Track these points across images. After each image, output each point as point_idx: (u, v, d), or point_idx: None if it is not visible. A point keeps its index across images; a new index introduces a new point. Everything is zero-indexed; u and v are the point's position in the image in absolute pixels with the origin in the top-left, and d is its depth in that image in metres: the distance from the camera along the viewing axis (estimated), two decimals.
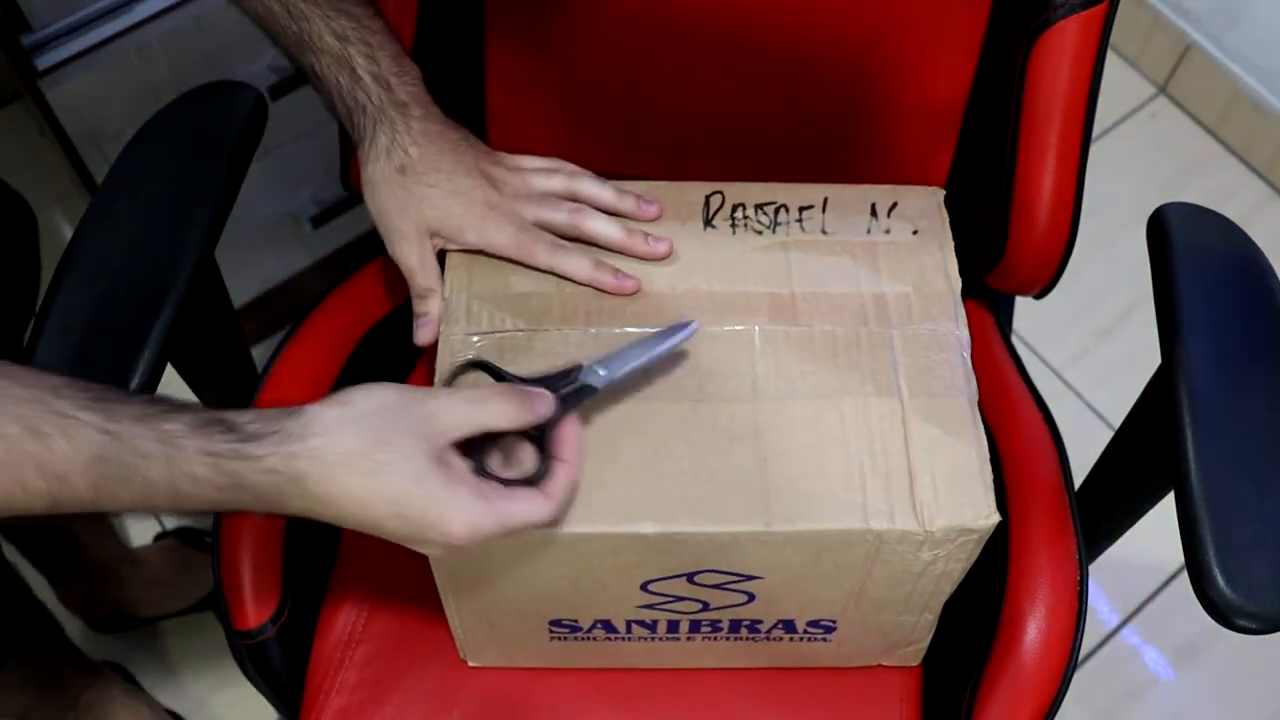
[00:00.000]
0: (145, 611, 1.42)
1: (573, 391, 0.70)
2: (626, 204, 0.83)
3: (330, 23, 0.78)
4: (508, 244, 0.79)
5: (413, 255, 0.80)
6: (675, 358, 0.76)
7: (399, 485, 0.61)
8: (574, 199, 0.82)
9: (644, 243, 0.81)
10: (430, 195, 0.79)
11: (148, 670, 1.39)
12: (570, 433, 0.68)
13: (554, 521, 0.67)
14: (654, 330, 0.75)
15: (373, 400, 0.62)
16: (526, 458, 0.67)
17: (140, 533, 1.48)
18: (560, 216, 0.81)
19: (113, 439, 0.57)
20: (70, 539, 1.33)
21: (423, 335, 0.80)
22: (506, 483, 0.65)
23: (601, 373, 0.71)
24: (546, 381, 0.70)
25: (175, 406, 0.60)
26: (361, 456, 0.60)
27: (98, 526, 1.36)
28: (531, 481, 0.66)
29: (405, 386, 0.64)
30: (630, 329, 0.78)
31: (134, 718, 1.31)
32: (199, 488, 0.59)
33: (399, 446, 0.61)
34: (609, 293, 0.79)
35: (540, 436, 0.67)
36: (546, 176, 0.83)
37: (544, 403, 0.67)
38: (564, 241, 0.80)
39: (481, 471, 0.65)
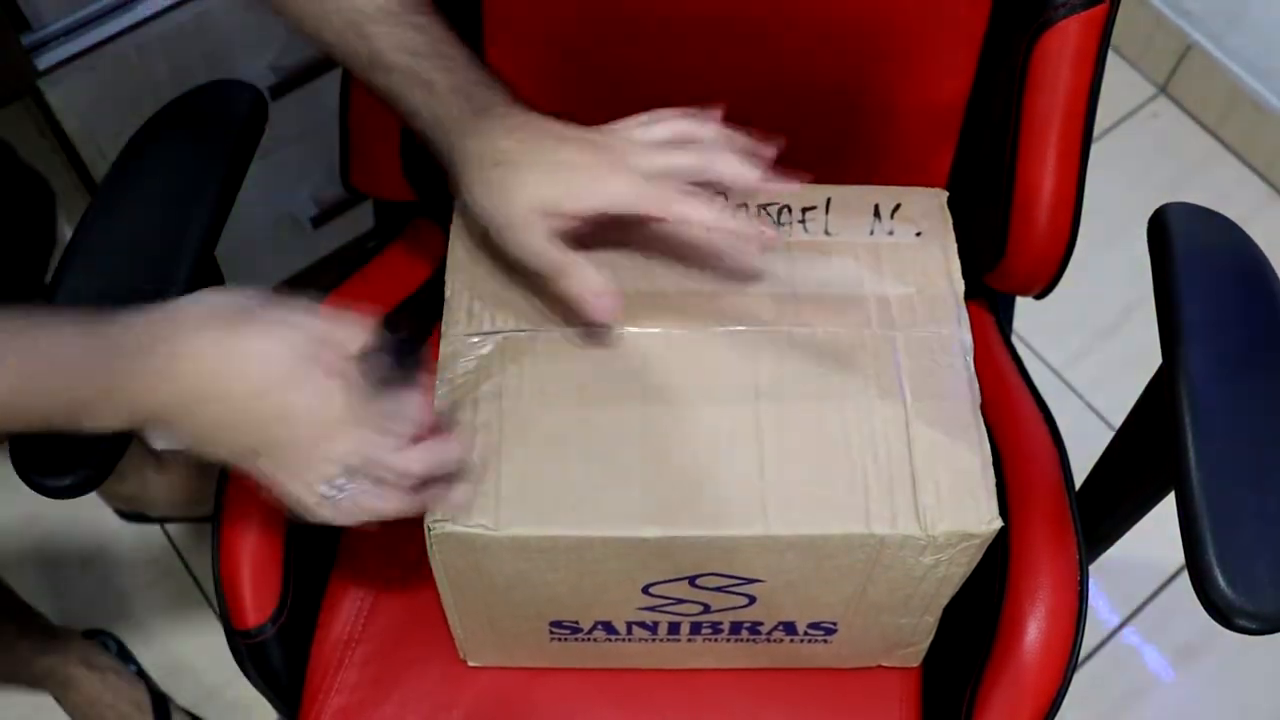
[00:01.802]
0: (163, 511, 1.46)
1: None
2: (740, 141, 0.75)
3: (399, 39, 0.74)
4: (629, 194, 0.72)
5: (531, 240, 0.72)
6: (680, 359, 0.76)
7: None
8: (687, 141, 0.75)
9: (778, 181, 0.73)
10: (534, 173, 0.72)
11: (157, 664, 1.40)
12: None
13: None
14: None
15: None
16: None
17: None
18: (686, 160, 0.73)
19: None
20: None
21: (605, 311, 0.73)
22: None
23: None
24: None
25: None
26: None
27: None
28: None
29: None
30: (631, 329, 0.77)
31: (99, 682, 1.32)
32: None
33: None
34: (748, 240, 0.74)
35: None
36: (647, 128, 0.76)
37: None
38: (691, 188, 0.72)
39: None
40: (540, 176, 0.72)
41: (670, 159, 0.73)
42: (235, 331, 0.67)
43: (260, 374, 0.66)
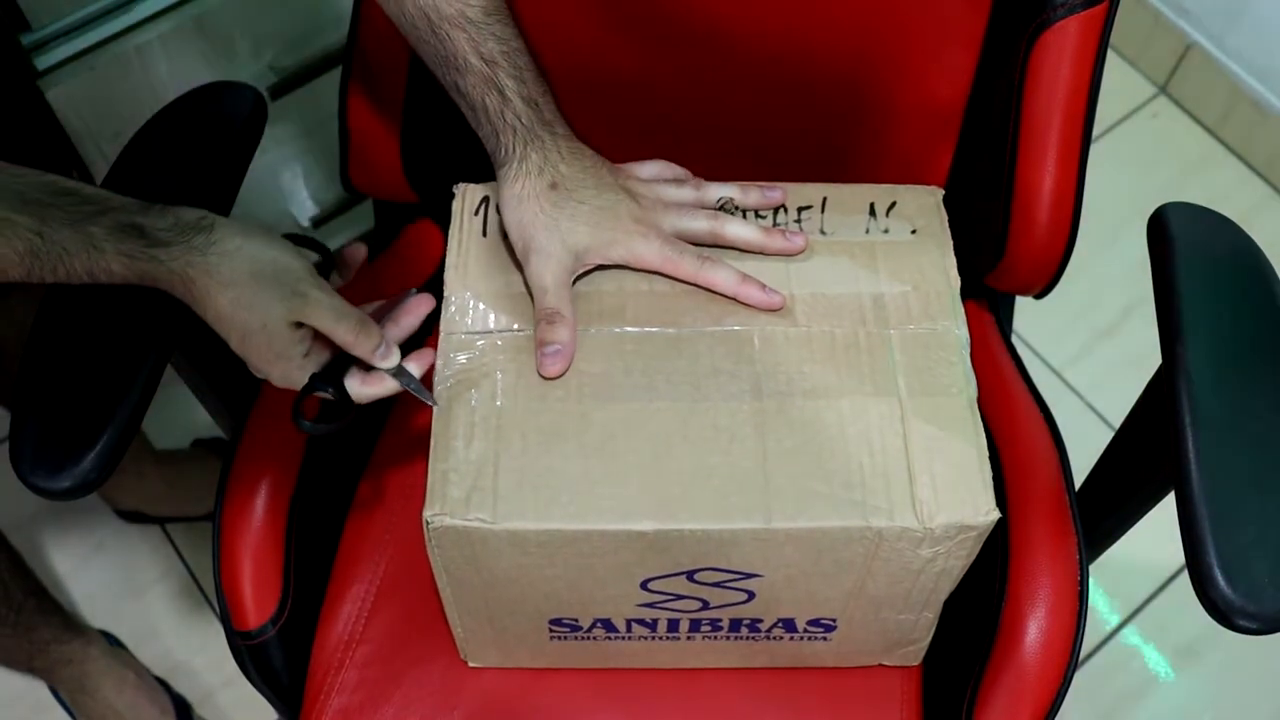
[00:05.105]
0: (163, 511, 1.47)
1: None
2: (753, 199, 0.83)
3: (477, 45, 0.77)
4: (655, 258, 0.79)
5: (548, 274, 0.77)
6: (677, 357, 0.76)
7: (249, 324, 0.72)
8: (703, 206, 0.82)
9: (782, 239, 0.81)
10: (580, 212, 0.78)
11: (157, 664, 1.40)
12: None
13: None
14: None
15: (270, 254, 0.73)
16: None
17: (178, 439, 1.52)
18: (700, 225, 0.81)
19: (43, 239, 0.68)
20: None
21: (553, 367, 0.75)
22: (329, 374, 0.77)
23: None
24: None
25: (99, 209, 0.70)
26: (236, 288, 0.71)
27: None
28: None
29: (300, 256, 0.74)
30: (629, 329, 0.78)
31: (117, 680, 1.32)
32: (112, 277, 0.71)
33: (266, 301, 0.72)
34: (754, 307, 0.78)
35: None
36: (677, 188, 0.83)
37: (386, 360, 0.77)
38: (708, 253, 0.80)
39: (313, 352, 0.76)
40: (585, 215, 0.78)
41: (689, 223, 0.81)
42: (253, 302, 0.72)
43: (249, 345, 0.74)
